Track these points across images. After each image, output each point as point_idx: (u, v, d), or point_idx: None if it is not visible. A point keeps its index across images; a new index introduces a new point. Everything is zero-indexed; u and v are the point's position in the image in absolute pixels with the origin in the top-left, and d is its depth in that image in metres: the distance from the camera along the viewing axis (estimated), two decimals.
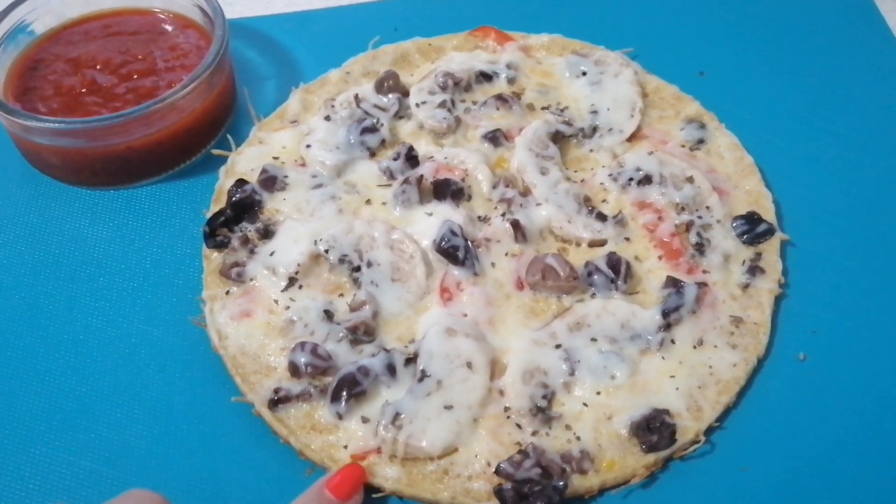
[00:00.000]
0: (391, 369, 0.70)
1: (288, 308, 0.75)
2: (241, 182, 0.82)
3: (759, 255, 0.79)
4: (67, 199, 0.85)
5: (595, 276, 0.76)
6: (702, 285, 0.76)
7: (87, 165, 0.83)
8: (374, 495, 0.66)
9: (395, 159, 0.84)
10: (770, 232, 0.79)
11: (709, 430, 0.69)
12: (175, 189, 0.86)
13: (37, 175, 0.87)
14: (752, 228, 0.79)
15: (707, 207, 0.81)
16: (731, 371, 0.71)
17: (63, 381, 0.72)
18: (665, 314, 0.73)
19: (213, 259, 0.79)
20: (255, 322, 0.74)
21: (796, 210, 0.82)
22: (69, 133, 0.79)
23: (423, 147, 0.87)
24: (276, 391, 0.70)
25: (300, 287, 0.76)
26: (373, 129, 0.86)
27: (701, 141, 0.87)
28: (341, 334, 0.73)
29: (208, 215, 0.81)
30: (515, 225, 0.79)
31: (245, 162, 0.85)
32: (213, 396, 0.72)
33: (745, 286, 0.77)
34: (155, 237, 0.82)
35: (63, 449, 0.69)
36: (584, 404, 0.70)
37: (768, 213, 0.81)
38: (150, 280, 0.79)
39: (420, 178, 0.82)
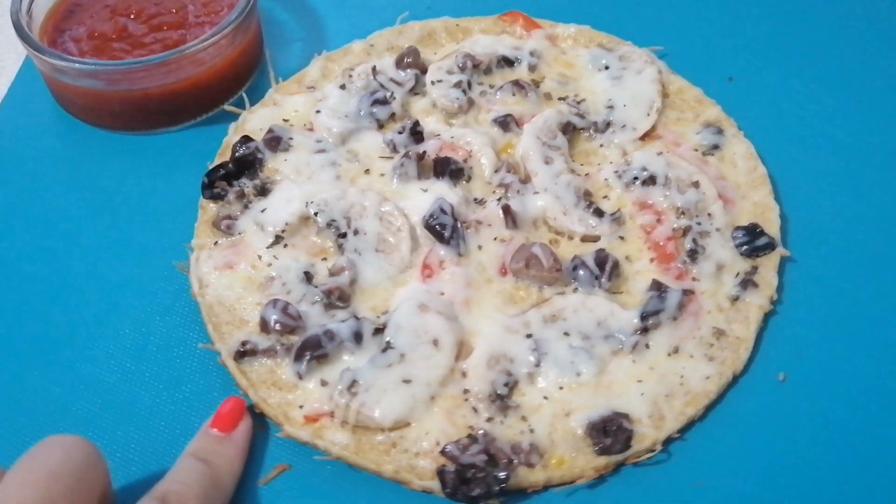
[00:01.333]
0: (358, 337, 0.71)
1: (270, 265, 0.76)
2: (246, 139, 0.83)
3: (755, 268, 0.75)
4: (87, 139, 0.88)
5: (580, 271, 0.75)
6: (688, 292, 0.73)
7: (106, 108, 0.86)
8: (316, 457, 0.67)
9: (399, 133, 0.84)
10: (770, 246, 0.76)
11: (669, 441, 0.67)
12: (188, 139, 0.88)
13: (63, 115, 0.90)
14: (751, 241, 0.76)
15: (709, 215, 0.78)
16: (703, 384, 0.69)
17: (49, 310, 0.75)
18: (644, 317, 0.71)
19: (209, 210, 0.80)
20: (236, 274, 0.76)
21: (804, 227, 0.79)
22: (90, 74, 0.82)
23: (431, 124, 0.87)
24: (244, 343, 0.71)
25: (285, 246, 0.77)
26: (384, 102, 0.87)
27: (716, 147, 0.84)
28: (317, 297, 0.73)
29: (211, 167, 0.83)
30: (506, 210, 0.78)
31: (256, 121, 0.87)
32: (185, 341, 0.73)
33: (735, 299, 0.74)
34: (160, 183, 0.84)
35: (37, 374, 0.71)
36: (545, 397, 0.68)
37: (772, 227, 0.77)
38: (147, 223, 0.81)
39: (422, 154, 0.82)
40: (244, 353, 0.71)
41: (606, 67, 0.90)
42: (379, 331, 0.71)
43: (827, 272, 0.76)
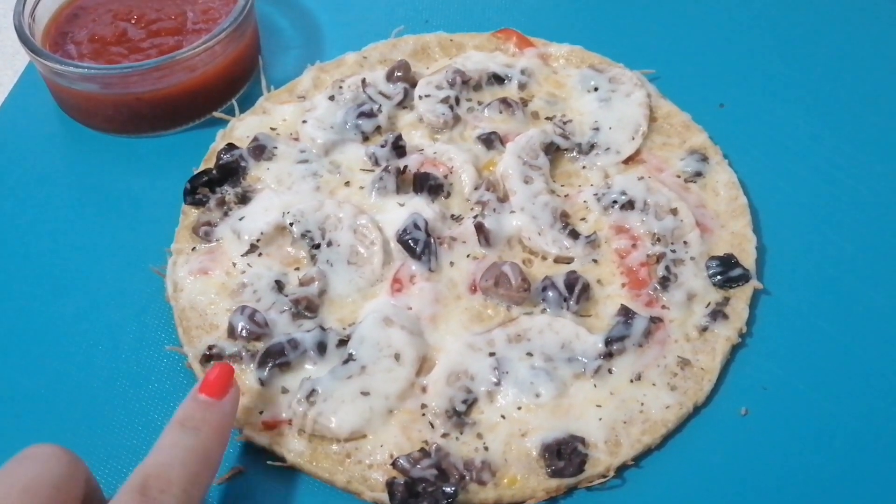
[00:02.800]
0: (321, 347, 0.71)
1: (243, 272, 0.77)
2: (231, 146, 0.84)
3: (727, 299, 0.74)
4: (82, 140, 0.90)
5: (549, 292, 0.75)
6: (656, 320, 0.73)
7: (100, 111, 0.88)
8: (269, 462, 0.67)
9: (382, 146, 0.84)
10: (744, 278, 0.75)
11: (624, 467, 0.66)
12: (178, 144, 0.89)
13: (62, 116, 0.92)
14: (725, 271, 0.75)
15: (684, 242, 0.77)
16: (663, 412, 0.68)
17: (25, 305, 0.77)
18: (608, 342, 0.71)
19: (190, 215, 0.82)
20: (210, 280, 0.77)
21: (781, 260, 0.78)
22: (84, 78, 0.84)
23: (416, 139, 0.87)
24: (210, 348, 0.72)
25: (259, 254, 0.78)
26: (370, 114, 0.88)
27: (699, 174, 0.83)
28: (285, 306, 0.74)
29: (195, 174, 0.84)
30: (479, 227, 0.78)
31: (244, 128, 0.88)
32: (156, 342, 0.75)
33: (704, 329, 0.73)
34: (147, 186, 0.86)
35: (9, 366, 0.73)
36: (503, 416, 0.68)
37: (748, 259, 0.77)
38: (131, 224, 0.83)
39: (403, 169, 0.82)
40: (210, 356, 0.72)
41: (596, 89, 0.90)
42: (343, 342, 0.72)
43: (800, 307, 0.75)
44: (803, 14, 1.00)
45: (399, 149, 0.84)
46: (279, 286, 0.76)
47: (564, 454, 0.66)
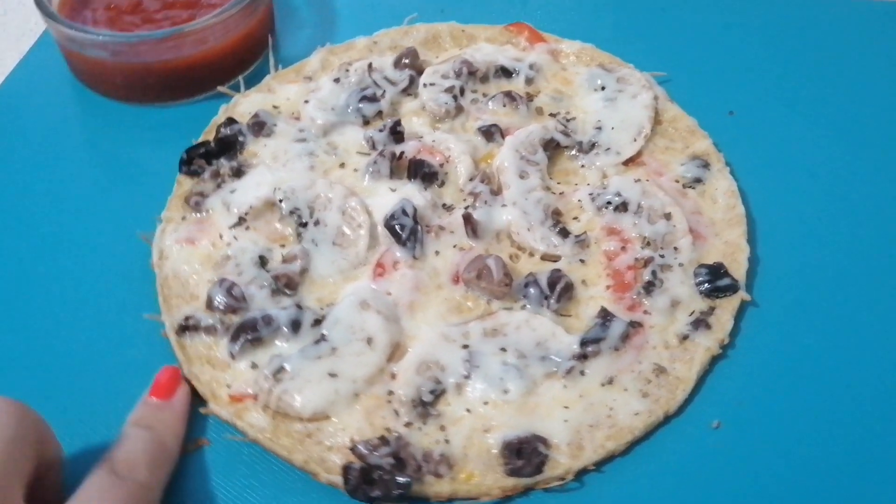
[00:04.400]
0: (296, 325, 0.71)
1: (229, 245, 0.77)
2: (230, 121, 0.85)
3: (712, 309, 0.72)
4: (90, 105, 0.92)
5: (531, 289, 0.73)
6: (635, 325, 0.71)
7: (109, 78, 0.89)
8: (229, 436, 0.67)
9: (380, 130, 0.84)
10: (732, 288, 0.73)
11: (585, 471, 0.65)
12: (182, 115, 0.90)
13: (73, 81, 0.94)
14: (713, 280, 0.73)
15: (675, 248, 0.75)
16: (631, 419, 0.66)
17: (13, 260, 0.78)
18: (583, 343, 0.69)
19: (185, 185, 0.82)
20: (196, 250, 0.77)
21: (774, 273, 0.75)
22: (95, 44, 0.86)
23: (417, 126, 0.87)
24: (187, 318, 0.72)
25: (247, 228, 0.78)
26: (373, 99, 0.87)
27: (698, 180, 0.81)
28: (266, 282, 0.74)
29: (193, 145, 0.85)
30: (467, 218, 0.77)
31: (247, 105, 0.88)
32: (136, 308, 0.75)
33: (684, 338, 0.71)
34: (147, 154, 0.87)
35: None
36: (468, 410, 0.67)
37: (739, 269, 0.74)
38: (126, 190, 0.84)
39: (399, 155, 0.82)
40: (186, 327, 0.72)
41: (602, 88, 0.88)
42: (318, 322, 0.72)
43: (787, 323, 0.72)
44: (824, 30, 0.97)
45: (397, 134, 0.84)
46: (262, 261, 0.76)
47: (525, 453, 0.64)
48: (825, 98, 0.89)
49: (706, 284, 0.73)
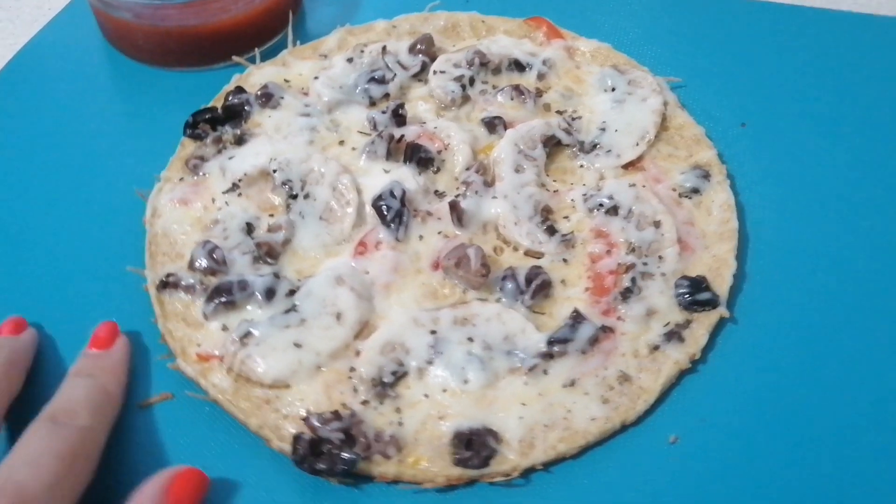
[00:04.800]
0: (270, 293, 0.72)
1: (220, 209, 0.79)
2: (239, 90, 0.87)
3: (688, 322, 0.70)
4: (114, 64, 0.95)
5: (508, 282, 0.73)
6: (607, 330, 0.70)
7: (131, 39, 0.92)
8: (190, 393, 0.69)
9: (383, 112, 0.84)
10: (711, 303, 0.71)
11: (533, 470, 0.64)
12: (200, 81, 0.92)
13: (103, 41, 0.97)
14: (693, 293, 0.71)
15: (660, 257, 0.74)
16: (587, 423, 0.65)
17: (19, 203, 0.82)
18: (550, 342, 0.69)
19: (188, 147, 0.84)
20: (188, 211, 0.79)
21: (759, 292, 0.73)
22: (120, 5, 0.88)
23: (422, 112, 0.87)
24: (168, 275, 0.74)
25: (239, 195, 0.79)
26: (381, 81, 0.88)
27: (696, 190, 0.79)
28: (248, 249, 0.75)
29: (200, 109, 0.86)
30: (453, 206, 0.76)
31: (260, 76, 0.90)
32: (122, 261, 0.77)
33: (655, 348, 0.69)
34: (158, 115, 0.89)
35: None
36: (426, 395, 0.67)
37: (722, 284, 0.72)
38: (133, 148, 0.86)
39: (398, 137, 0.82)
40: (167, 284, 0.74)
41: (613, 89, 0.87)
42: (293, 293, 0.73)
43: (763, 344, 0.70)
44: (849, 49, 0.93)
45: (399, 117, 0.84)
46: (249, 228, 0.77)
47: (474, 445, 0.64)
48: (842, 120, 0.86)
49: (686, 296, 0.71)
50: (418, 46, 0.91)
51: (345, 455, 0.63)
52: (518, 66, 0.90)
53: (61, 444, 0.58)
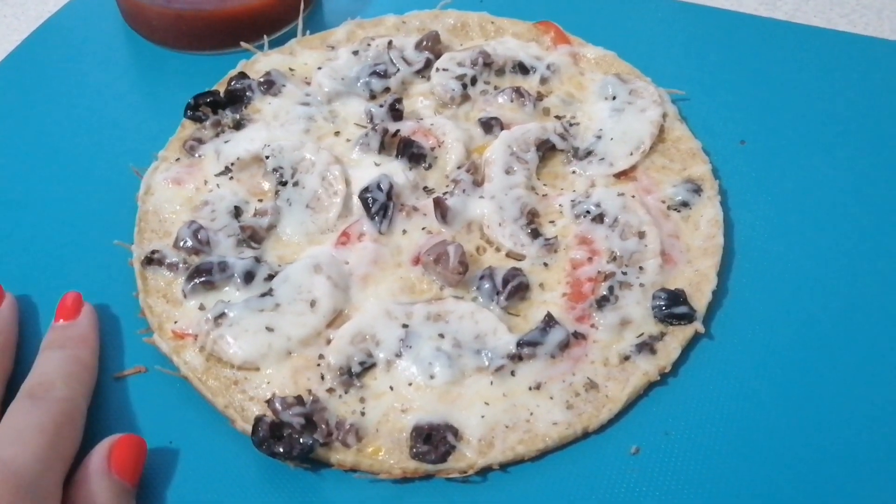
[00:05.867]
0: (249, 277, 0.73)
1: (211, 191, 0.80)
2: (242, 75, 0.88)
3: (662, 335, 0.70)
4: (128, 43, 0.98)
5: (485, 282, 0.72)
6: (578, 336, 0.69)
7: (144, 19, 0.94)
8: (160, 368, 0.70)
9: (381, 106, 0.85)
10: (688, 317, 0.70)
11: (490, 469, 0.64)
12: (207, 65, 0.93)
13: (120, 21, 0.99)
14: (669, 306, 0.70)
15: (640, 268, 0.73)
16: (548, 428, 0.65)
17: (20, 169, 0.84)
18: (520, 344, 0.68)
19: (188, 129, 0.86)
20: (181, 191, 0.80)
21: (738, 310, 0.72)
22: None
23: (421, 109, 0.87)
24: (154, 252, 0.75)
25: (230, 178, 0.81)
26: (383, 75, 0.88)
27: (685, 204, 0.78)
28: (233, 232, 0.76)
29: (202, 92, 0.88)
30: (437, 203, 0.77)
31: (266, 63, 0.91)
32: (110, 234, 0.78)
33: (626, 358, 0.68)
34: (164, 95, 0.91)
35: None
36: (391, 387, 0.67)
37: (700, 299, 0.71)
38: (135, 126, 0.88)
39: (393, 132, 0.82)
40: (151, 260, 0.75)
41: (614, 97, 0.86)
42: (272, 277, 0.73)
43: (735, 361, 0.68)
44: (856, 73, 0.91)
45: (396, 111, 0.84)
46: (237, 212, 0.78)
47: (433, 440, 0.64)
48: (842, 145, 0.84)
49: (662, 309, 0.70)
50: (424, 43, 0.91)
51: (303, 440, 0.64)
52: (522, 68, 0.90)
53: (42, 417, 0.59)
